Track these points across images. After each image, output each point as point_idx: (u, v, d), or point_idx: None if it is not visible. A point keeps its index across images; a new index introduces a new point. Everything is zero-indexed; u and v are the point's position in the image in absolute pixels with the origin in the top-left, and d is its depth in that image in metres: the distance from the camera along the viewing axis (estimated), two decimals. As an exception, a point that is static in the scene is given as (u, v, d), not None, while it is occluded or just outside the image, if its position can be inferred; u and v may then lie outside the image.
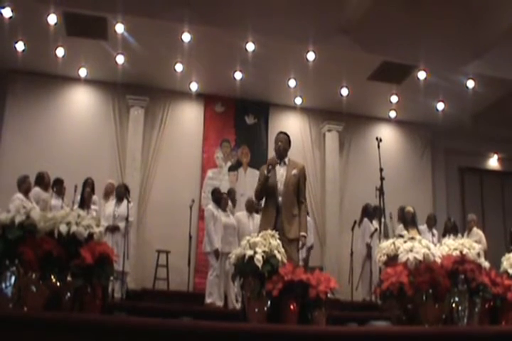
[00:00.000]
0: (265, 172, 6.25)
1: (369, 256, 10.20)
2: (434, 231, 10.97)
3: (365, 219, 10.80)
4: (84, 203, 9.38)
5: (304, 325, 4.25)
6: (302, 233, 6.14)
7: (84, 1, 9.42)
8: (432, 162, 14.02)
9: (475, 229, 11.18)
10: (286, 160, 6.43)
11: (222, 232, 9.53)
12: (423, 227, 10.88)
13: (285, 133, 6.59)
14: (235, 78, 11.42)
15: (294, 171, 6.31)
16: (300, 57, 10.58)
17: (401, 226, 10.44)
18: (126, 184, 10.02)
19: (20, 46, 10.37)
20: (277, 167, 6.35)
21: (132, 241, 9.92)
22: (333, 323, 4.49)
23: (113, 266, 4.06)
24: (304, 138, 13.06)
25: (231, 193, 10.40)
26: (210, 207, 9.82)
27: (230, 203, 10.08)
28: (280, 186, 6.25)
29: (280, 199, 6.23)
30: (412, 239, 4.81)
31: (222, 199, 9.84)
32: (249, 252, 4.41)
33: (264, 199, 6.44)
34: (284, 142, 6.48)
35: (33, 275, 3.69)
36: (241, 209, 10.44)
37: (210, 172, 12.47)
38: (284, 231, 5.96)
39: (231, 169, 12.65)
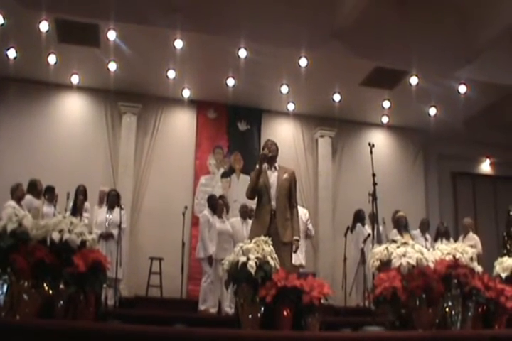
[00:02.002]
0: (257, 166, 6.45)
1: (362, 261, 10.19)
2: (427, 235, 11.00)
3: (358, 225, 10.82)
4: (77, 211, 9.35)
5: (298, 331, 4.24)
6: (295, 237, 6.31)
7: (76, 8, 9.40)
8: (424, 167, 14.06)
9: (471, 234, 11.19)
10: (277, 165, 6.55)
11: (217, 239, 9.53)
12: (416, 232, 10.92)
13: (275, 142, 6.73)
14: (227, 84, 11.43)
15: (286, 176, 6.47)
16: (292, 63, 10.60)
17: (395, 231, 10.47)
18: (117, 190, 9.98)
19: (11, 53, 10.35)
20: (269, 172, 6.50)
21: (125, 249, 9.88)
22: (327, 329, 4.49)
23: (106, 273, 4.05)
24: (297, 144, 13.08)
25: (223, 199, 10.35)
26: (206, 212, 9.82)
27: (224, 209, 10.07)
28: (273, 191, 6.39)
29: (274, 203, 6.36)
30: (405, 244, 4.82)
31: (218, 205, 9.85)
32: (243, 258, 4.41)
33: (256, 204, 6.53)
34: (272, 149, 6.60)
35: (26, 283, 3.68)
36: (234, 215, 10.43)
37: (202, 179, 12.46)
38: (279, 234, 6.14)
39: (224, 175, 12.65)
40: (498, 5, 10.12)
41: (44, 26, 9.58)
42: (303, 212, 8.51)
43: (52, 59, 10.61)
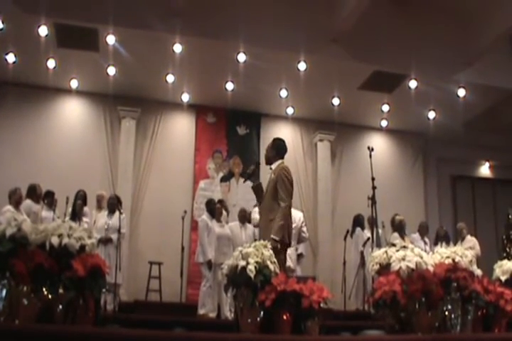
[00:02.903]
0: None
1: (362, 265, 10.19)
2: (426, 239, 11.00)
3: (358, 228, 10.83)
4: (76, 215, 9.35)
5: (297, 335, 4.24)
6: (271, 236, 5.80)
7: (75, 13, 9.42)
8: (423, 170, 14.06)
9: (468, 237, 11.21)
10: (273, 166, 6.35)
11: (216, 243, 9.52)
12: (415, 235, 10.92)
13: (274, 139, 6.56)
14: (226, 89, 11.44)
15: (272, 176, 6.24)
16: (291, 68, 10.61)
17: (395, 234, 10.48)
18: (118, 195, 9.99)
19: (10, 58, 10.35)
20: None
21: (124, 253, 9.88)
22: (327, 333, 4.48)
23: (105, 278, 4.05)
24: (296, 148, 13.05)
25: (221, 203, 10.32)
26: (204, 217, 9.81)
27: (224, 212, 10.05)
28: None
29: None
30: (405, 247, 4.82)
31: (216, 209, 9.83)
32: (242, 263, 4.40)
33: None
34: (267, 149, 6.47)
35: (25, 288, 3.67)
36: (234, 219, 10.42)
37: (202, 183, 12.44)
38: (260, 237, 5.96)
39: (223, 180, 12.64)
40: (497, 8, 10.13)
41: (43, 31, 9.59)
42: (297, 215, 8.31)
43: (51, 63, 10.62)
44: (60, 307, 3.77)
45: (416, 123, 13.04)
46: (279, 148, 6.43)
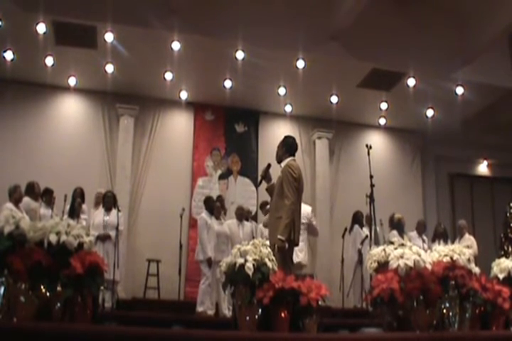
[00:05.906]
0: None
1: (360, 262, 10.20)
2: (424, 237, 11.01)
3: (356, 226, 10.82)
4: (75, 213, 9.34)
5: (295, 333, 4.24)
6: (278, 236, 5.82)
7: (74, 10, 9.40)
8: (421, 168, 14.06)
9: (467, 235, 11.23)
10: (282, 164, 6.38)
11: (215, 241, 9.53)
12: (413, 233, 10.92)
13: (284, 137, 6.54)
14: (224, 86, 11.43)
15: (280, 174, 6.29)
16: (290, 65, 10.60)
17: (394, 232, 10.49)
18: (113, 192, 9.97)
19: (9, 55, 10.33)
20: None
21: (122, 250, 9.87)
22: (325, 330, 4.49)
23: (103, 275, 4.05)
24: (294, 146, 13.04)
25: (220, 200, 10.32)
26: (204, 215, 9.81)
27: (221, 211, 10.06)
28: None
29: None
30: (403, 245, 4.83)
31: (215, 207, 9.83)
32: (240, 260, 4.40)
33: None
34: (278, 147, 6.47)
35: (23, 286, 3.67)
36: (231, 217, 10.42)
37: (200, 181, 12.44)
38: (268, 235, 6.07)
39: (221, 177, 12.63)
40: (495, 7, 10.13)
41: (41, 28, 9.57)
42: (305, 210, 8.28)
43: (49, 61, 10.60)
44: (58, 304, 3.77)
45: (414, 121, 13.03)
46: (288, 145, 6.45)
